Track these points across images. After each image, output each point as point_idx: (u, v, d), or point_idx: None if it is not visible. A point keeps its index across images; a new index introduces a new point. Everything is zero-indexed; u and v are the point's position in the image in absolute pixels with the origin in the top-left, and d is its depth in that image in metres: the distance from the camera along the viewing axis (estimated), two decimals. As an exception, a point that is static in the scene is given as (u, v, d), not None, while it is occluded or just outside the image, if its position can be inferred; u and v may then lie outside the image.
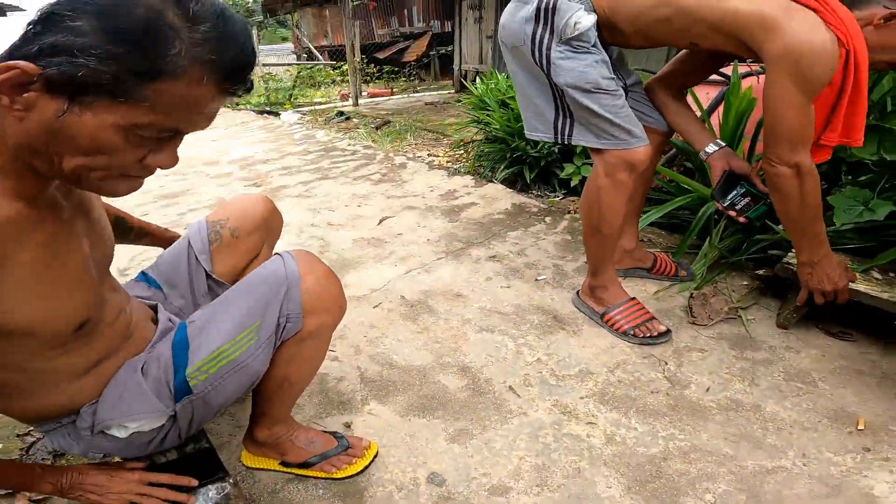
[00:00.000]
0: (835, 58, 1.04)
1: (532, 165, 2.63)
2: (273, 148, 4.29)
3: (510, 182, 2.76)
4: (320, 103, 7.44)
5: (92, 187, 0.61)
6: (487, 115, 2.82)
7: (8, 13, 5.76)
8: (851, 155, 1.39)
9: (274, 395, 0.92)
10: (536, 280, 1.77)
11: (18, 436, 1.23)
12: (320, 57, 11.89)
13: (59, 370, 0.73)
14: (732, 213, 1.37)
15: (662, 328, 1.41)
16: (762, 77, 2.07)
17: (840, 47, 1.05)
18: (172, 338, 0.82)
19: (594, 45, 1.19)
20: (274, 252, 1.01)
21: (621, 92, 1.23)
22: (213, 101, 0.58)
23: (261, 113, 7.05)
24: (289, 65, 10.53)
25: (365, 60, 9.02)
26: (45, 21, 0.52)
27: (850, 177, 1.51)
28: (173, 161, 0.61)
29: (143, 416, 0.78)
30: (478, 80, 3.34)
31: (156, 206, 2.97)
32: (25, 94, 0.53)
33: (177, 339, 0.81)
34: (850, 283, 1.27)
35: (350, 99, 6.70)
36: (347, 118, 5.42)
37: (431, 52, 9.59)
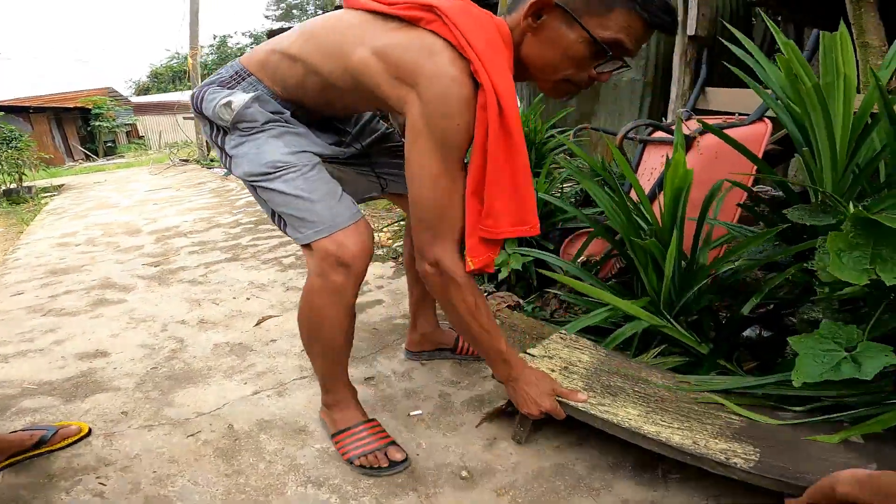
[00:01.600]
0: (460, 103, 0.85)
1: (461, 253, 2.22)
2: (206, 217, 3.93)
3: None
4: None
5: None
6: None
7: None
8: (826, 274, 0.92)
9: None
10: (409, 416, 1.29)
11: None
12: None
13: None
14: None
15: (399, 457, 1.11)
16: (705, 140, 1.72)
17: (470, 79, 0.85)
18: None
19: (271, 122, 1.02)
20: None
21: (312, 164, 1.02)
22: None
23: (228, 174, 6.81)
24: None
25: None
26: None
27: (826, 290, 1.00)
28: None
29: None
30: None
31: (36, 284, 2.58)
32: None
33: None
34: (570, 400, 1.07)
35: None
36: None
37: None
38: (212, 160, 8.52)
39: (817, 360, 0.86)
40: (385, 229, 3.09)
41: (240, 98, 0.99)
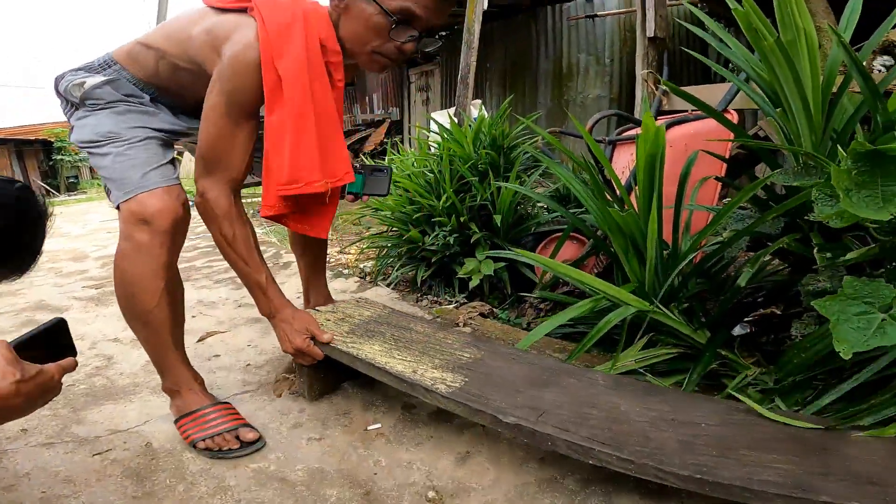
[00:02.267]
0: (245, 63, 1.02)
1: (428, 261, 2.09)
2: (159, 242, 3.70)
3: (407, 284, 2.19)
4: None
5: None
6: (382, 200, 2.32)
7: None
8: (822, 214, 0.77)
9: None
10: (366, 430, 1.12)
11: None
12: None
13: None
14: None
15: (251, 436, 1.07)
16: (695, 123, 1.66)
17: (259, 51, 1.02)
18: None
19: (120, 102, 1.12)
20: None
21: (142, 137, 1.11)
22: None
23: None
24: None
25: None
26: None
27: (828, 255, 0.91)
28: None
29: None
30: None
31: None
32: None
33: None
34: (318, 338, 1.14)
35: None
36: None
37: (385, 141, 9.61)
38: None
39: (852, 325, 0.74)
40: (350, 248, 2.94)
41: (93, 80, 1.11)
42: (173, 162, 1.14)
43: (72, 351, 0.80)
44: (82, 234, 4.59)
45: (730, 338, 1.15)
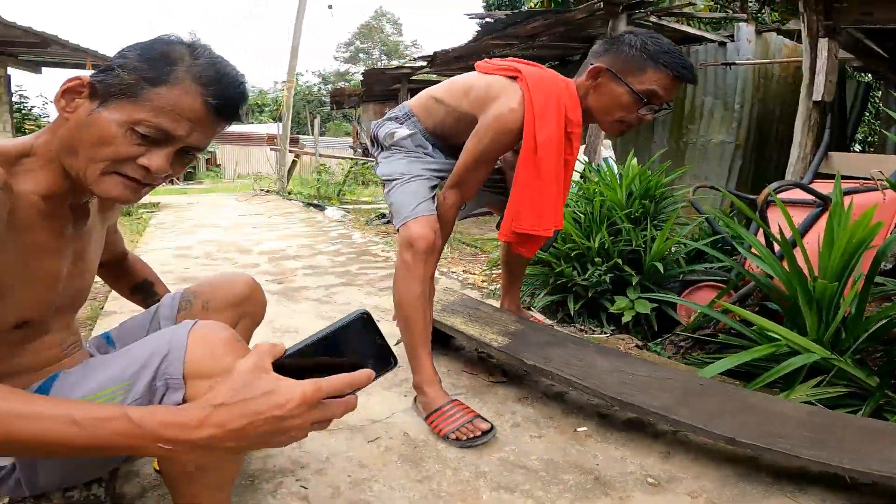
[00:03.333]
0: (506, 125, 1.33)
1: (578, 295, 2.32)
2: (307, 244, 4.21)
3: (550, 311, 2.43)
4: (366, 202, 7.60)
5: (93, 183, 0.72)
6: (531, 234, 2.59)
7: (43, 70, 6.60)
8: None
9: (182, 482, 0.79)
10: (576, 431, 1.39)
11: None
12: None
13: None
14: None
15: (486, 426, 1.33)
16: (873, 194, 1.78)
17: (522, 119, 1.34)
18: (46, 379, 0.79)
19: (410, 151, 1.51)
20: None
21: (415, 177, 1.46)
22: (200, 113, 0.72)
23: (308, 205, 7.24)
24: (342, 158, 11.10)
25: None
26: (115, 58, 0.72)
27: None
28: (163, 165, 0.72)
29: None
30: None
31: (171, 287, 2.80)
32: (76, 100, 0.71)
33: (47, 381, 0.78)
34: None
35: (395, 202, 6.77)
36: (388, 222, 5.39)
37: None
38: (290, 193, 9.07)
39: None
40: (479, 272, 3.23)
41: (402, 132, 1.51)
42: (433, 198, 1.49)
43: (382, 351, 0.64)
44: (229, 227, 5.25)
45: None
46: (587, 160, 3.18)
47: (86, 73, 0.73)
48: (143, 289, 1.15)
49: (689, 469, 1.21)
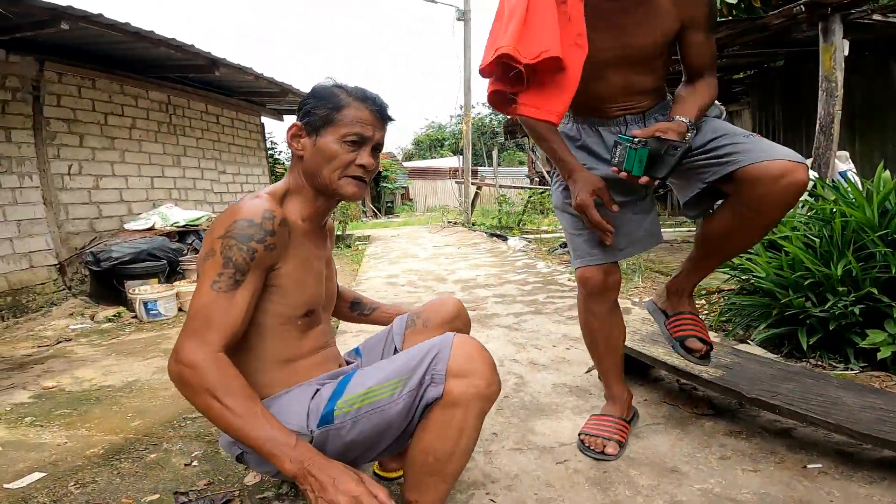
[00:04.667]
0: None
1: (813, 327, 1.96)
2: (494, 273, 4.42)
3: (772, 345, 2.11)
4: (546, 231, 7.61)
5: (338, 188, 1.04)
6: (747, 259, 2.30)
7: (285, 117, 7.52)
8: None
9: (420, 471, 0.95)
10: (805, 468, 1.22)
11: (175, 493, 1.29)
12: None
13: (274, 348, 1.02)
14: (615, 171, 1.21)
15: (611, 451, 1.37)
16: None
17: None
18: (343, 377, 1.02)
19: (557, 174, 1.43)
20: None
21: (577, 215, 1.32)
22: (371, 118, 1.04)
23: (491, 235, 7.59)
24: (521, 188, 11.34)
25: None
26: (299, 107, 1.08)
27: None
28: (370, 159, 1.05)
29: (287, 426, 0.88)
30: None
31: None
32: (300, 140, 1.06)
33: (345, 379, 1.00)
34: None
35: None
36: (572, 250, 5.31)
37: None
38: (473, 224, 9.63)
39: None
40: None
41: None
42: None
43: None
44: (427, 258, 5.82)
45: None
46: (817, 176, 2.68)
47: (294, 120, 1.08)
48: (357, 305, 1.42)
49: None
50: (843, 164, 2.98)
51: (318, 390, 1.00)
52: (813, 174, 2.78)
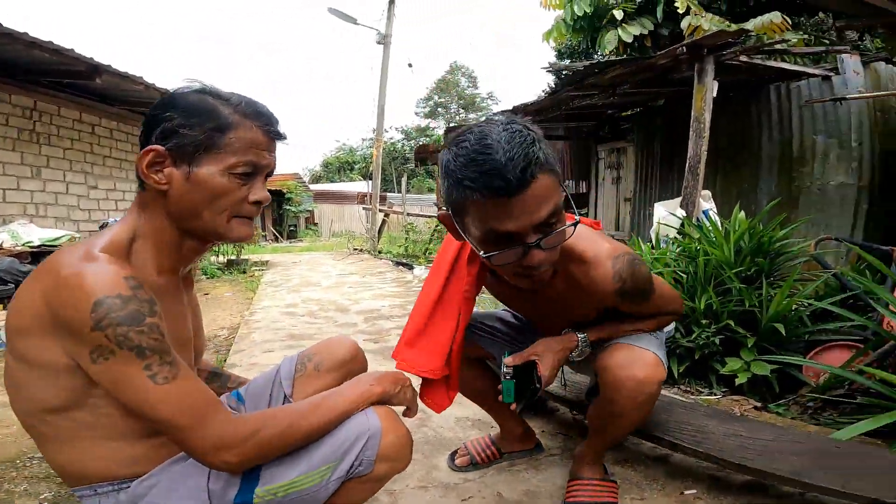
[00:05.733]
0: None
1: (682, 357, 2.17)
2: (399, 304, 4.37)
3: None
4: (452, 259, 7.74)
5: (226, 232, 0.84)
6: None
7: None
8: None
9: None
10: (682, 494, 1.33)
11: None
12: (460, 213, 12.64)
13: (137, 421, 0.78)
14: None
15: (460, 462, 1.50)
16: None
17: None
18: None
19: None
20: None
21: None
22: (264, 140, 0.85)
23: (397, 264, 7.54)
24: (428, 216, 11.49)
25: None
26: (149, 123, 0.81)
27: None
28: (265, 193, 0.86)
29: None
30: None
31: (282, 343, 3.07)
32: (164, 170, 0.80)
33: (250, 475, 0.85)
34: None
35: (482, 259, 6.84)
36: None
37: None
38: (379, 251, 9.53)
39: None
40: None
41: None
42: None
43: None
44: (330, 286, 5.59)
45: None
46: (684, 214, 3.03)
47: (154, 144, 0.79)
48: (218, 376, 1.20)
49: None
50: (706, 203, 3.37)
51: (212, 470, 0.83)
52: (680, 212, 3.13)
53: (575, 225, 0.93)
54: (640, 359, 1.12)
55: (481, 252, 0.93)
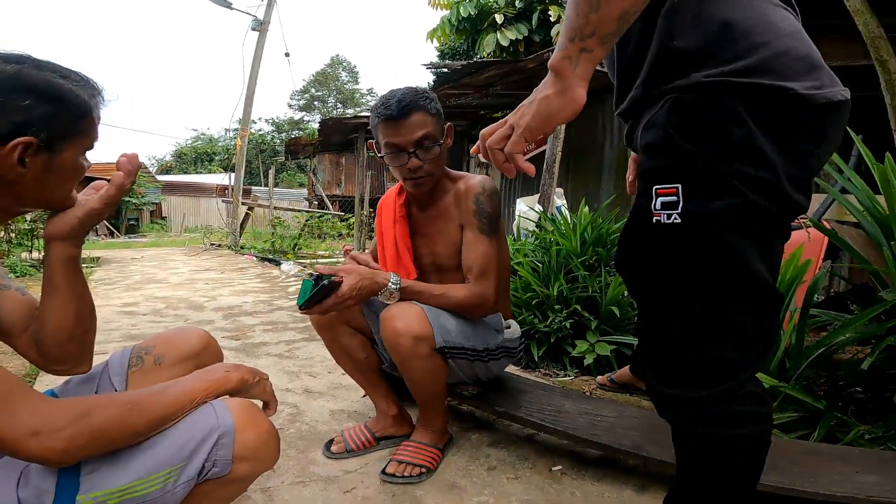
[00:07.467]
0: None
1: (541, 341, 2.38)
2: (264, 300, 4.10)
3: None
4: (323, 256, 7.52)
5: (73, 202, 0.85)
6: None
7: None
8: None
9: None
10: (551, 470, 1.43)
11: None
12: (331, 207, 12.29)
13: None
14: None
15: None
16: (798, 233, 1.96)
17: None
18: None
19: None
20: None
21: None
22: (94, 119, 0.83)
23: (262, 260, 7.08)
24: (298, 211, 10.99)
25: (373, 214, 9.42)
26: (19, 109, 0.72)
27: None
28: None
29: None
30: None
31: (118, 345, 2.69)
32: (30, 159, 0.74)
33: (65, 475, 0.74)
34: None
35: (353, 254, 6.74)
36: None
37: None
38: (242, 247, 8.85)
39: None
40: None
41: None
42: None
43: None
44: (180, 283, 5.04)
45: (842, 405, 1.47)
46: (541, 209, 3.33)
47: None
48: None
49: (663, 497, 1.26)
50: (560, 199, 3.74)
51: (22, 473, 0.73)
52: (538, 207, 3.43)
53: (440, 144, 1.37)
54: (406, 313, 1.28)
55: (381, 156, 1.39)
